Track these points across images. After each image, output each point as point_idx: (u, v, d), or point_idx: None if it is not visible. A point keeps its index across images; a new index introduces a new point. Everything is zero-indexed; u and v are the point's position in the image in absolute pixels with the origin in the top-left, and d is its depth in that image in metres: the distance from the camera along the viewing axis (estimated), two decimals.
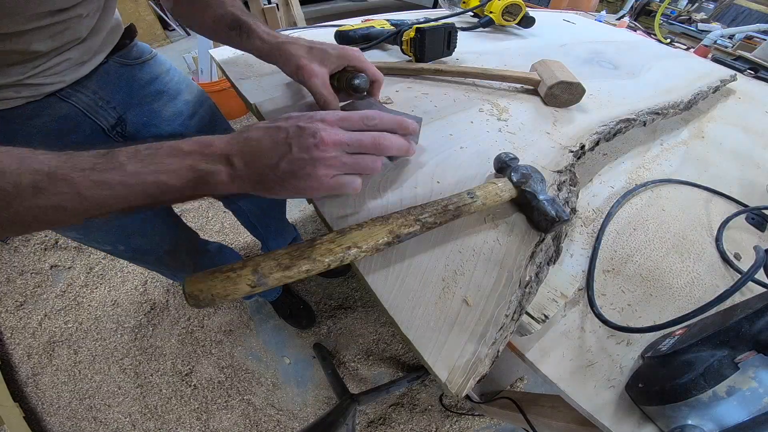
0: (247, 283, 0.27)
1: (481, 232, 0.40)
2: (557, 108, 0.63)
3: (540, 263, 0.36)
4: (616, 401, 0.32)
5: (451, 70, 0.64)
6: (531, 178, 0.40)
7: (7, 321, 1.24)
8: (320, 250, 0.30)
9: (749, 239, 0.49)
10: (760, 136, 0.73)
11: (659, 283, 0.41)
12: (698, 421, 0.26)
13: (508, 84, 0.67)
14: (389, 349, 1.24)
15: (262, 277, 0.28)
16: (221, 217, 1.57)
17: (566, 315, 0.37)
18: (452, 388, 0.28)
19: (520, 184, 0.40)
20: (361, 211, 0.40)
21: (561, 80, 0.59)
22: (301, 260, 0.29)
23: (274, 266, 0.29)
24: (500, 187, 0.40)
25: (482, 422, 1.11)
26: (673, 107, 0.66)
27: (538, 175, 0.40)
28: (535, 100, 0.64)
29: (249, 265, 0.28)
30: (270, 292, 1.19)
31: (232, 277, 0.27)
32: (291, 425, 1.09)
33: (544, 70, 0.63)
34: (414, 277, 0.35)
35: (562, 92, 0.61)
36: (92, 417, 1.07)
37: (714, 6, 1.75)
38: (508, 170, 0.41)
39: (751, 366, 0.26)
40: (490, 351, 0.30)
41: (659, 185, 0.55)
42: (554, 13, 1.29)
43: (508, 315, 0.32)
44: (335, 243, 0.31)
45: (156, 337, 1.23)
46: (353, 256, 0.31)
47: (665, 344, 0.32)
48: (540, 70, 0.64)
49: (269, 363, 1.20)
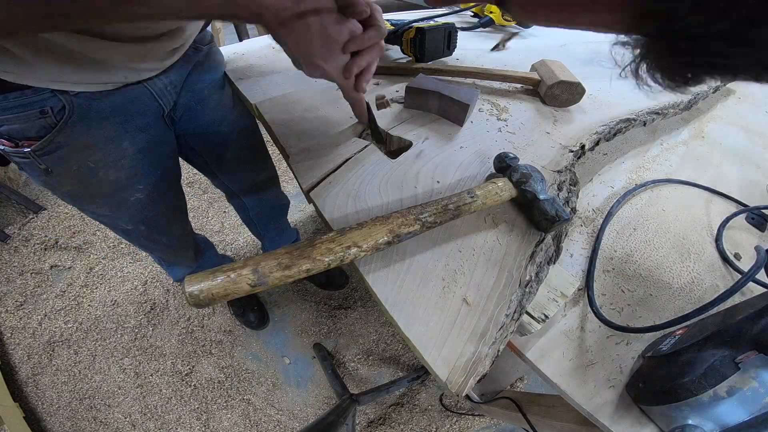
0: (247, 282, 0.27)
1: (481, 232, 0.39)
2: (557, 108, 0.63)
3: (540, 263, 0.37)
4: (616, 401, 0.32)
5: (451, 69, 0.64)
6: (531, 177, 0.40)
7: (7, 321, 1.24)
8: (320, 249, 0.30)
9: (749, 239, 0.49)
10: (760, 136, 0.73)
11: (659, 283, 0.41)
12: (699, 421, 0.26)
13: (508, 84, 0.66)
14: (389, 349, 1.24)
15: (262, 277, 0.28)
16: (221, 217, 1.57)
17: (566, 315, 0.37)
18: (452, 388, 0.28)
19: (520, 183, 0.40)
20: (361, 210, 0.40)
21: (561, 80, 0.59)
22: (302, 260, 0.29)
23: (275, 266, 0.29)
24: (500, 186, 0.40)
25: (482, 422, 1.11)
26: (673, 107, 0.66)
27: (538, 175, 0.40)
28: (535, 100, 0.64)
29: (249, 264, 0.28)
30: None
31: (232, 277, 0.27)
32: (291, 425, 1.08)
33: (544, 70, 0.63)
34: (414, 277, 0.35)
35: (562, 92, 0.61)
36: (92, 417, 1.07)
37: None
38: (509, 170, 0.41)
39: (752, 366, 0.26)
40: (490, 351, 0.30)
41: (659, 185, 0.55)
42: None
43: (509, 315, 0.32)
44: (335, 242, 0.31)
45: (156, 337, 1.23)
46: (353, 255, 0.31)
47: (666, 344, 0.32)
48: (540, 70, 0.64)
49: (269, 363, 1.20)
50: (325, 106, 0.56)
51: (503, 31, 0.95)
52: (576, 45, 0.93)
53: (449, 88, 0.55)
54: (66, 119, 0.44)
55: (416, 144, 0.50)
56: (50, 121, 0.43)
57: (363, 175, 0.45)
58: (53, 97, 0.41)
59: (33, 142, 0.44)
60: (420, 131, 0.53)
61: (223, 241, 1.48)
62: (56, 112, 0.43)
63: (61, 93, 0.42)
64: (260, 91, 0.59)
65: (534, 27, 0.96)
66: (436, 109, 0.57)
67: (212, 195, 1.65)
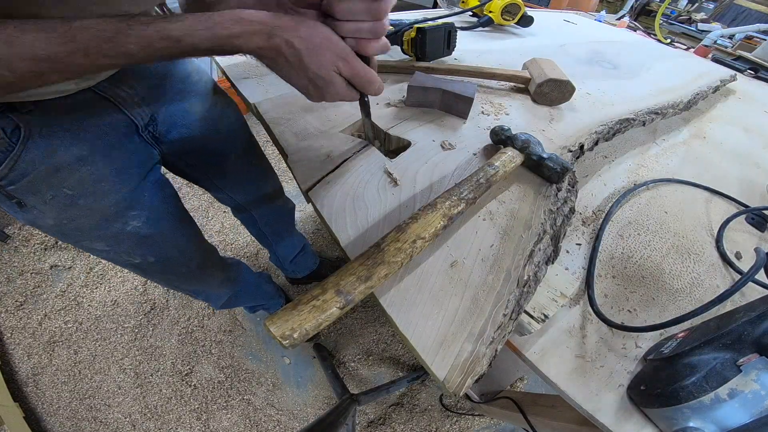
0: (336, 306, 0.27)
1: (478, 231, 0.39)
2: (552, 107, 0.63)
3: (538, 262, 0.36)
4: (616, 401, 0.32)
5: (442, 68, 0.65)
6: (531, 142, 0.46)
7: (7, 321, 1.24)
8: (390, 251, 0.31)
9: (749, 239, 0.49)
10: (760, 136, 0.73)
11: (660, 284, 0.41)
12: (700, 424, 0.26)
13: (505, 83, 0.67)
14: (389, 349, 1.24)
15: (347, 295, 0.28)
16: (221, 217, 1.57)
17: (566, 315, 0.37)
18: (450, 387, 0.28)
19: (524, 149, 0.46)
20: (359, 210, 0.40)
21: (550, 78, 0.59)
22: (377, 267, 0.30)
23: (355, 281, 0.29)
24: (510, 155, 0.45)
25: (482, 422, 1.10)
26: (673, 107, 0.66)
27: (534, 139, 0.47)
28: (528, 99, 0.64)
29: (328, 287, 0.28)
30: (273, 306, 1.18)
31: (318, 306, 0.27)
32: (291, 425, 1.08)
33: (535, 68, 0.63)
34: (412, 277, 0.35)
35: (552, 90, 0.61)
36: (92, 417, 1.07)
37: (714, 6, 1.75)
38: (509, 140, 0.48)
39: (753, 369, 0.26)
40: (488, 350, 0.30)
41: (659, 185, 0.54)
42: (554, 13, 1.28)
43: (507, 314, 0.32)
44: (401, 241, 0.32)
45: (156, 337, 1.23)
46: (420, 247, 0.32)
47: (668, 347, 0.32)
48: (531, 68, 0.65)
49: (269, 363, 1.20)
50: (324, 106, 0.56)
51: (502, 30, 0.95)
52: (575, 45, 0.93)
53: (450, 84, 0.56)
54: (23, 140, 0.39)
55: (415, 143, 0.50)
56: (5, 144, 0.38)
57: (362, 175, 0.45)
58: (2, 118, 0.38)
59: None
60: (425, 128, 0.54)
61: (223, 241, 1.48)
62: (9, 133, 0.38)
63: (10, 111, 0.38)
64: (259, 91, 0.59)
65: (534, 27, 0.96)
66: (438, 105, 0.57)
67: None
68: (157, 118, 0.54)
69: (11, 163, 0.39)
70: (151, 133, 0.54)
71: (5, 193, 0.42)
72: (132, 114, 0.50)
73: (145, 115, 0.52)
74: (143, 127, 0.52)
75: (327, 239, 1.52)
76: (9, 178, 0.40)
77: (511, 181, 0.46)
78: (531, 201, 0.44)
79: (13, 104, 0.38)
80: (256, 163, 0.79)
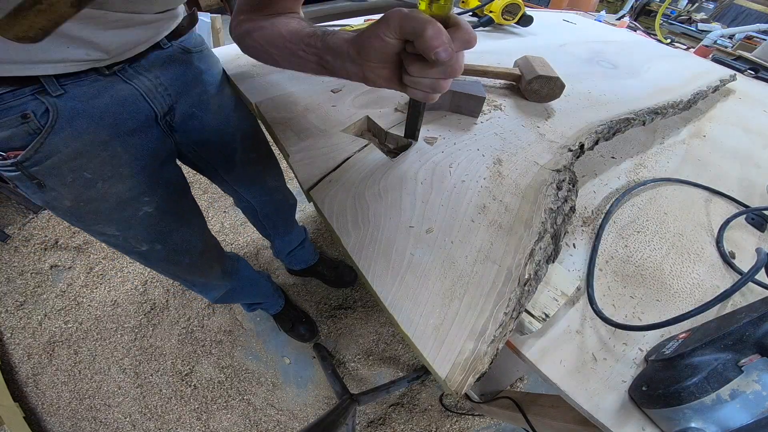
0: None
1: (480, 230, 0.39)
2: (547, 104, 0.63)
3: (539, 261, 0.36)
4: (616, 401, 0.32)
5: None
6: None
7: (7, 321, 1.24)
8: None
9: (749, 239, 0.49)
10: (760, 136, 0.73)
11: (660, 284, 0.41)
12: (701, 424, 0.26)
13: (501, 81, 0.67)
14: (389, 349, 1.24)
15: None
16: (221, 217, 1.57)
17: (566, 314, 0.37)
18: (451, 386, 0.28)
19: None
20: (362, 209, 0.40)
21: (539, 74, 0.59)
22: None
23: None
24: None
25: (482, 422, 1.10)
26: (673, 107, 0.66)
27: None
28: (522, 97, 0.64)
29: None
30: (272, 306, 1.18)
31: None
32: (291, 425, 1.08)
33: (525, 66, 0.64)
34: (413, 275, 0.35)
35: (542, 87, 0.61)
36: (92, 417, 1.07)
37: (714, 6, 1.75)
38: None
39: (755, 369, 0.26)
40: (489, 349, 0.30)
41: (659, 184, 0.54)
42: (554, 13, 1.28)
43: (507, 313, 0.32)
44: None
45: (156, 337, 1.23)
46: None
47: (669, 347, 0.32)
48: (521, 66, 0.65)
49: (269, 363, 1.20)
50: (325, 106, 0.56)
51: (503, 30, 0.95)
52: (575, 45, 0.93)
53: (457, 84, 0.56)
54: (51, 123, 0.41)
55: (414, 143, 0.50)
56: (34, 127, 0.40)
57: (363, 174, 0.45)
58: (34, 100, 0.39)
59: (18, 153, 0.41)
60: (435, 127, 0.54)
61: (224, 241, 1.48)
62: (39, 116, 0.40)
63: (41, 95, 0.40)
64: (260, 91, 0.59)
65: (534, 27, 0.96)
66: (448, 105, 0.58)
67: (212, 195, 1.65)
68: (175, 109, 0.56)
69: (37, 145, 0.41)
70: (168, 122, 0.56)
71: (27, 174, 0.43)
72: (153, 103, 0.52)
73: (165, 104, 0.54)
74: (162, 116, 0.54)
75: (328, 239, 1.52)
76: (33, 159, 0.42)
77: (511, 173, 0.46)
78: (531, 200, 0.43)
79: (44, 88, 0.40)
80: (263, 156, 0.80)
